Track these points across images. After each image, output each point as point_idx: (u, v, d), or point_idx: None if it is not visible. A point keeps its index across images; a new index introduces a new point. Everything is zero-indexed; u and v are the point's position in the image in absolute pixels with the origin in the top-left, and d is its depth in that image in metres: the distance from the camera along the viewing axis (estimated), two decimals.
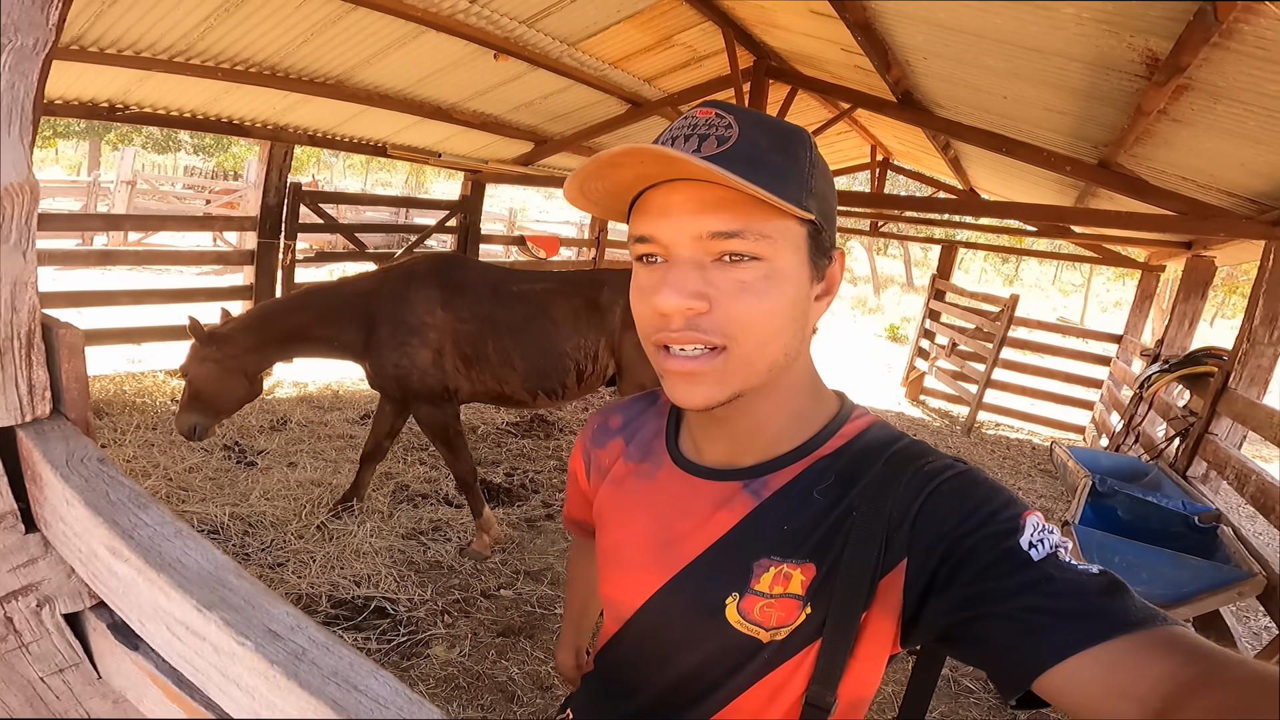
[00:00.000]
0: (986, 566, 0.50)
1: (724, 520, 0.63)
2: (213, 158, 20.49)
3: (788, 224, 0.56)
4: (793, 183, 0.55)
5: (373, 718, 0.35)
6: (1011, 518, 0.52)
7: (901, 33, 2.98)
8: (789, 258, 0.56)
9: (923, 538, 0.54)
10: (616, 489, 0.74)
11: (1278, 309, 3.28)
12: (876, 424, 0.66)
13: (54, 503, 0.58)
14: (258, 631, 0.40)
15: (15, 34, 0.51)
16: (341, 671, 0.38)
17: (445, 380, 2.74)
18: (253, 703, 0.45)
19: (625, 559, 0.70)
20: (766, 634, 0.59)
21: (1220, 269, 10.41)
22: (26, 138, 0.54)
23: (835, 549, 0.58)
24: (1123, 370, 5.84)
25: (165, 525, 0.49)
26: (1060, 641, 0.45)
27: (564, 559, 2.97)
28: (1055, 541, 0.52)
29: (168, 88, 3.87)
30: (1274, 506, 2.54)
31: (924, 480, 0.57)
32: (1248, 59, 1.76)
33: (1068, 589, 0.47)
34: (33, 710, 0.76)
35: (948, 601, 0.51)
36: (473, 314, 2.73)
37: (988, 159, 4.77)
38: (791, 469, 0.62)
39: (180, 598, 0.43)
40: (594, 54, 4.16)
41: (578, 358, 2.81)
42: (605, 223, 7.52)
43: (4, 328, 0.55)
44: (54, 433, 0.61)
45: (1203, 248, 4.82)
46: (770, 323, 0.56)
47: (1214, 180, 3.08)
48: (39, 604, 0.69)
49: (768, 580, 0.59)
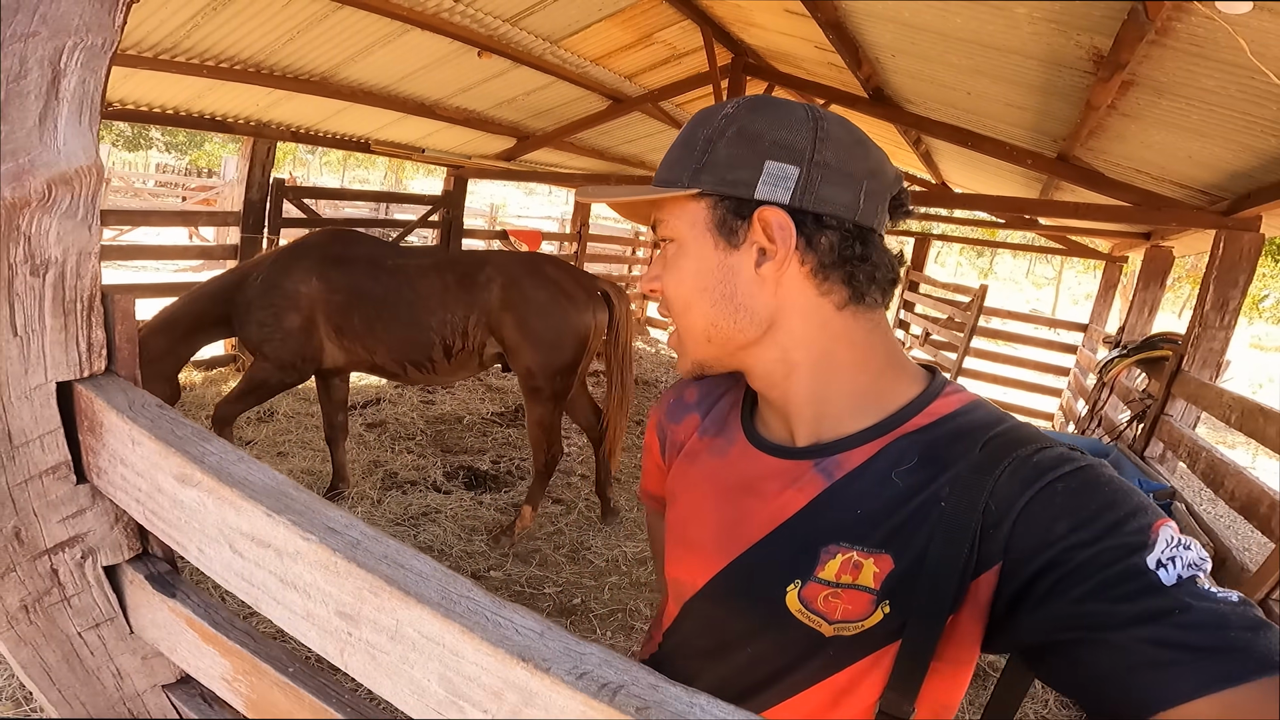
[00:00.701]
0: (1104, 584, 0.45)
1: (792, 501, 0.59)
2: (185, 155, 20.19)
3: (681, 204, 0.60)
4: (679, 166, 0.59)
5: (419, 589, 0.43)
6: (1140, 529, 0.46)
7: (871, 31, 3.11)
8: (685, 232, 0.60)
9: (1024, 540, 0.49)
10: (689, 464, 0.70)
11: (1228, 294, 3.45)
12: (975, 403, 0.59)
13: (115, 447, 0.64)
14: (319, 529, 0.49)
15: (86, 34, 0.58)
16: (390, 555, 0.46)
17: (305, 351, 2.82)
18: (307, 601, 0.53)
19: (690, 537, 0.67)
20: (830, 627, 0.55)
21: (1185, 262, 10.64)
22: (95, 126, 0.62)
23: (917, 542, 0.53)
24: (1088, 358, 6.05)
25: (229, 452, 0.57)
26: (1192, 681, 0.40)
27: (551, 541, 3.07)
28: (1192, 560, 0.46)
29: (151, 84, 3.89)
30: (1223, 481, 2.69)
31: (1033, 474, 0.50)
32: (1184, 55, 1.90)
33: (1204, 620, 0.42)
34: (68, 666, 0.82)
35: (1050, 616, 0.46)
36: (344, 285, 2.80)
37: (956, 153, 4.93)
38: (867, 448, 0.57)
39: (250, 507, 0.52)
40: (576, 51, 4.25)
41: (443, 333, 2.84)
42: (587, 217, 7.61)
43: (69, 291, 0.61)
44: (112, 385, 0.66)
45: (1160, 238, 5.03)
46: (678, 294, 0.61)
47: (1165, 173, 3.25)
48: (83, 555, 0.74)
49: (834, 567, 0.55)
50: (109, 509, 0.73)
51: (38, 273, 0.56)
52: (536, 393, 2.86)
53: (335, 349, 2.88)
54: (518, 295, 2.82)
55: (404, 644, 0.43)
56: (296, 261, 2.83)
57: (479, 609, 0.40)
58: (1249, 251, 3.30)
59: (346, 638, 0.48)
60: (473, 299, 2.84)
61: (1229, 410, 2.87)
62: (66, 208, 0.58)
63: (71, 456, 0.68)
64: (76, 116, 0.60)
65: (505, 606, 0.40)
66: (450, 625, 0.39)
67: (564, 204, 24.14)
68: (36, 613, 0.73)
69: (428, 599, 0.40)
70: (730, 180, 0.57)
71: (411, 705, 0.46)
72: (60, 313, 0.59)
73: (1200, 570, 0.45)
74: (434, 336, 2.84)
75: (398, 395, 4.77)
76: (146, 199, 12.72)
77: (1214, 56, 1.80)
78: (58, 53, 0.55)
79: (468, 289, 2.85)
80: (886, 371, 0.60)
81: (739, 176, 0.57)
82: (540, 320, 2.81)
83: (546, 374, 2.82)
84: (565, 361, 2.84)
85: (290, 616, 0.53)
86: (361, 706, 0.67)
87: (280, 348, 2.79)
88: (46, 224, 0.56)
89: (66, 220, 0.58)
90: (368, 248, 2.97)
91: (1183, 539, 0.47)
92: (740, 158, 0.57)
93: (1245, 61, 1.66)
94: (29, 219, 0.55)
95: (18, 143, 0.53)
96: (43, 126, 0.55)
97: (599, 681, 0.36)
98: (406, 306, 2.82)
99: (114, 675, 0.85)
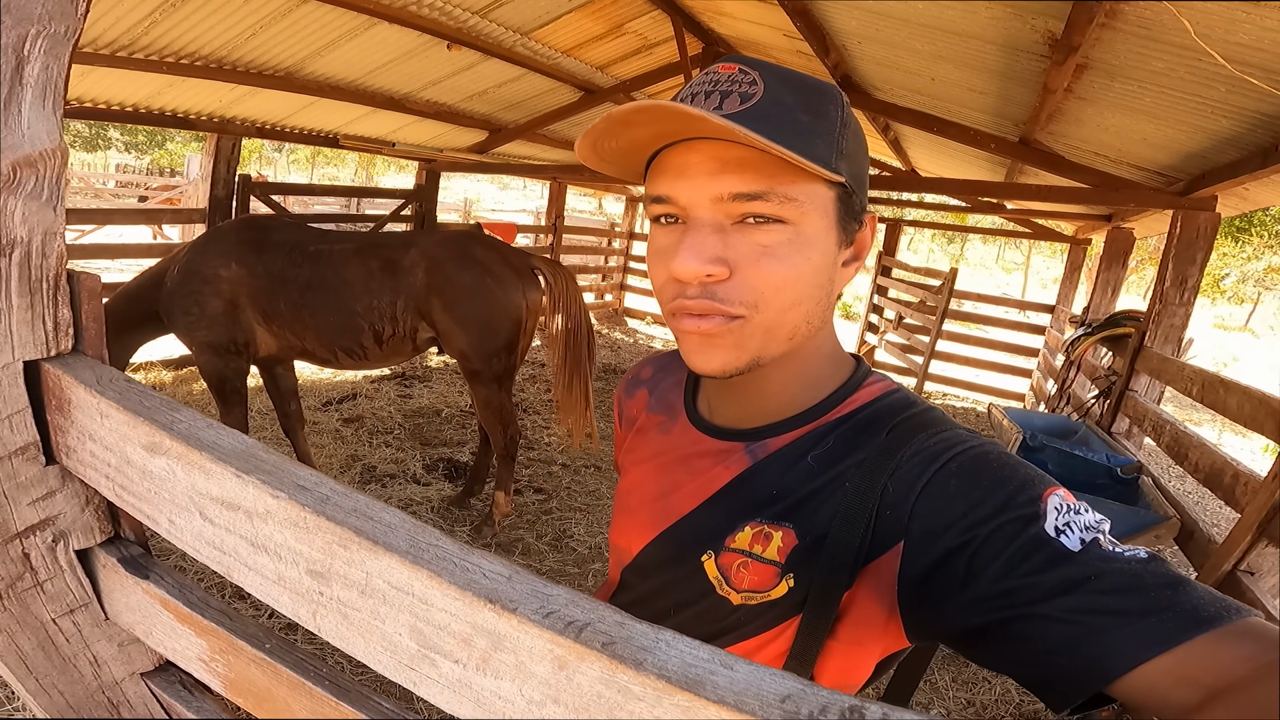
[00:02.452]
0: (1014, 560, 0.45)
1: (718, 477, 0.62)
2: (146, 155, 19.73)
3: (815, 186, 0.52)
4: (821, 143, 0.51)
5: (387, 539, 0.44)
6: (1029, 500, 0.47)
7: (836, 18, 3.14)
8: (816, 221, 0.53)
9: (924, 521, 0.50)
10: (639, 439, 0.73)
11: (1186, 272, 3.56)
12: (894, 391, 0.61)
13: (83, 423, 0.64)
14: (289, 486, 0.50)
15: (49, 22, 0.59)
16: (360, 509, 0.48)
17: (235, 334, 2.79)
18: (278, 564, 0.55)
19: (630, 506, 0.70)
20: (738, 596, 0.57)
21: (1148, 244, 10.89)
22: (59, 111, 0.63)
23: (821, 519, 0.55)
24: (1056, 338, 6.20)
25: (198, 420, 0.58)
26: (1125, 647, 0.40)
27: (533, 530, 3.09)
28: (1088, 522, 0.47)
29: (109, 82, 3.80)
30: (1187, 454, 2.78)
31: (929, 457, 0.52)
32: (1133, 38, 1.95)
33: (1123, 584, 0.42)
34: (44, 654, 0.82)
35: (975, 598, 0.46)
36: (266, 270, 2.77)
37: (924, 139, 5.01)
38: (794, 433, 0.60)
39: (220, 470, 0.53)
40: (547, 43, 4.23)
41: (372, 319, 2.80)
42: (562, 209, 7.59)
43: (35, 271, 0.61)
44: (79, 363, 0.66)
45: (1121, 220, 5.16)
46: (794, 290, 0.53)
47: (1122, 155, 3.34)
48: (54, 539, 0.74)
49: (746, 538, 0.57)
50: (79, 491, 0.73)
51: (3, 252, 0.57)
52: (476, 376, 2.83)
53: (266, 335, 2.84)
54: (443, 279, 2.77)
55: (374, 598, 0.45)
56: (213, 246, 2.78)
57: (446, 555, 0.41)
58: (1205, 230, 3.40)
59: (318, 598, 0.49)
60: (398, 284, 2.79)
61: (1190, 383, 2.95)
62: (31, 189, 0.58)
63: (40, 439, 0.68)
64: (40, 101, 0.61)
65: (473, 553, 0.42)
66: (419, 572, 0.40)
67: (539, 197, 24.01)
68: (10, 599, 0.73)
69: (396, 548, 0.42)
70: (858, 178, 0.55)
71: (385, 663, 0.47)
72: (26, 292, 0.60)
73: (1099, 531, 0.46)
74: (363, 323, 2.80)
75: (374, 390, 4.74)
76: (108, 199, 12.41)
77: (1162, 39, 1.86)
78: (21, 40, 0.56)
79: (392, 274, 2.80)
80: (833, 361, 0.63)
81: (860, 175, 0.56)
82: (468, 303, 2.77)
83: (482, 356, 2.79)
84: (500, 343, 2.81)
85: (262, 582, 0.54)
86: (338, 677, 0.69)
87: (210, 333, 2.75)
88: (11, 205, 0.57)
89: (31, 201, 0.59)
90: (287, 233, 2.92)
91: (1073, 504, 0.48)
92: (859, 158, 0.56)
93: (1192, 43, 1.71)
94: None
95: None
96: (7, 111, 0.56)
97: (565, 619, 0.37)
98: (333, 293, 2.78)
99: (91, 663, 0.85)
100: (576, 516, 3.28)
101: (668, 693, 0.33)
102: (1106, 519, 0.48)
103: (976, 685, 2.45)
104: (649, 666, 0.34)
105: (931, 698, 2.38)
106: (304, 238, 2.91)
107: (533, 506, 3.32)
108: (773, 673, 0.33)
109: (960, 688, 2.44)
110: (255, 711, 0.74)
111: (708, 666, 0.34)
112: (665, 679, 0.33)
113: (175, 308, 2.75)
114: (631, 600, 0.68)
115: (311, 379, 4.90)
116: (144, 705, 0.91)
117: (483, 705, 0.41)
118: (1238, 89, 1.96)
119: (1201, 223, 3.37)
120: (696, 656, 0.34)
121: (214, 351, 2.79)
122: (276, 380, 3.12)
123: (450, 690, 0.43)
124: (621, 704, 0.34)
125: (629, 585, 0.69)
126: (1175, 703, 0.38)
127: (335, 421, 4.07)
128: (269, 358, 2.97)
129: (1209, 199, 3.25)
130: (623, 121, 0.51)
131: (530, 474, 3.71)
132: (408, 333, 2.86)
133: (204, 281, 2.73)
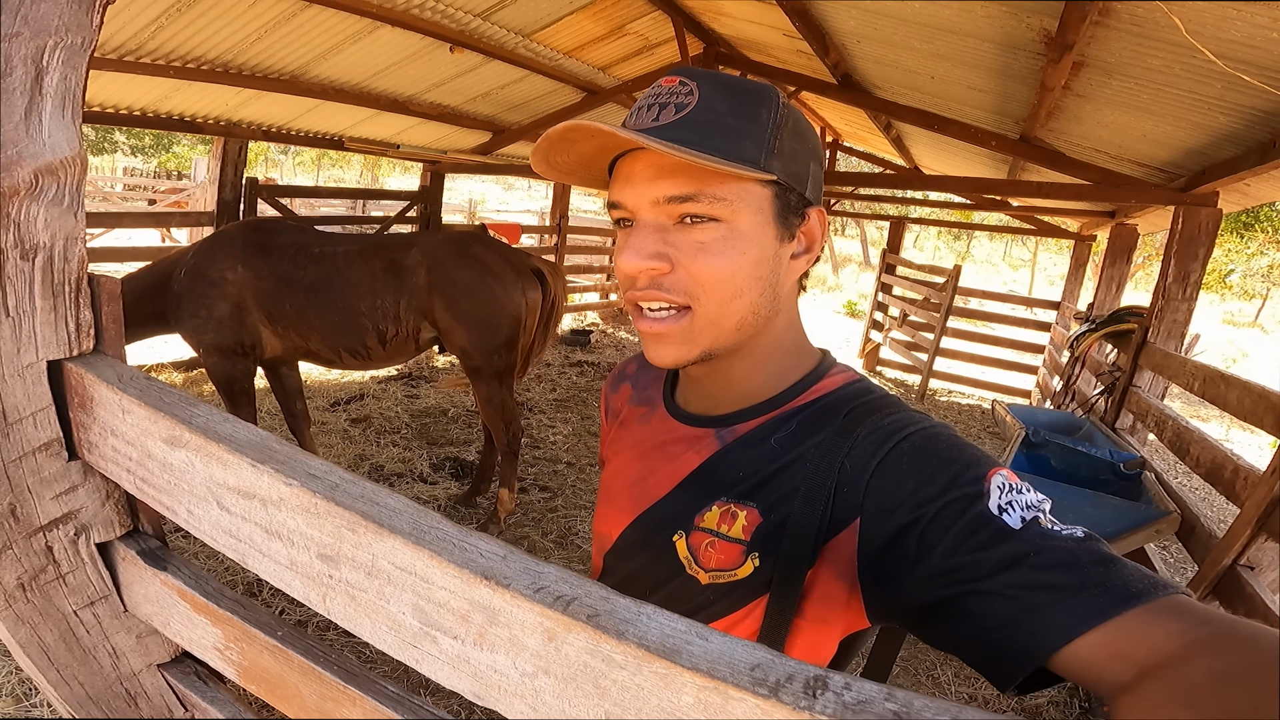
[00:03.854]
0: (960, 538, 0.47)
1: (690, 461, 0.65)
2: (153, 159, 19.84)
3: (746, 185, 0.56)
4: (750, 144, 0.55)
5: (391, 522, 0.47)
6: (974, 479, 0.50)
7: (835, 17, 3.16)
8: (749, 218, 0.57)
9: (878, 499, 0.52)
10: (621, 430, 0.77)
11: (1188, 268, 3.56)
12: (855, 381, 0.64)
13: (105, 419, 0.67)
14: (301, 475, 0.53)
15: (66, 34, 0.61)
16: (367, 495, 0.51)
17: (242, 336, 2.83)
18: (290, 549, 0.57)
19: (611, 494, 0.73)
20: (706, 575, 0.59)
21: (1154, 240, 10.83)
22: (78, 119, 0.65)
23: (782, 497, 0.57)
24: (1061, 335, 6.18)
25: (215, 414, 0.61)
26: (1060, 622, 0.42)
27: (539, 528, 3.12)
28: (1029, 502, 0.49)
29: (116, 86, 3.85)
30: (1189, 449, 2.78)
31: (882, 437, 0.55)
32: (1127, 35, 1.96)
33: (1058, 560, 0.44)
34: (66, 646, 0.85)
35: (926, 575, 0.48)
36: (271, 273, 2.81)
37: (926, 137, 5.01)
38: (760, 418, 0.63)
39: (236, 460, 0.56)
40: (549, 44, 4.26)
41: (375, 319, 2.85)
42: (566, 209, 7.62)
43: (58, 274, 0.64)
44: (100, 362, 0.69)
45: (1124, 216, 5.15)
46: (731, 282, 0.57)
47: (1123, 151, 3.34)
48: (76, 532, 0.77)
49: (714, 517, 0.60)
50: (100, 485, 0.76)
51: (27, 257, 0.60)
52: (477, 372, 2.88)
53: (271, 336, 2.89)
54: (444, 277, 2.82)
55: (380, 578, 0.48)
56: (220, 250, 2.82)
57: (446, 536, 0.44)
58: (1207, 226, 3.39)
59: (328, 581, 0.52)
60: (401, 284, 2.85)
61: (1192, 378, 2.94)
62: (53, 196, 0.61)
63: (63, 435, 0.71)
64: (60, 111, 0.63)
65: (471, 534, 0.45)
66: (420, 552, 0.43)
67: (543, 198, 24.03)
68: (33, 591, 0.76)
69: (400, 530, 0.45)
70: (795, 174, 0.59)
71: (389, 642, 0.50)
72: (49, 294, 0.63)
73: (1040, 510, 0.48)
74: (366, 323, 2.85)
75: (381, 390, 4.79)
76: (116, 203, 12.52)
77: (1155, 36, 1.87)
78: (40, 51, 0.59)
79: (395, 274, 2.85)
80: (798, 352, 0.66)
81: (799, 171, 0.59)
82: (469, 300, 2.82)
83: (483, 353, 2.84)
84: (501, 340, 2.86)
85: (275, 568, 0.56)
86: (346, 662, 0.71)
87: (217, 336, 2.80)
88: (34, 211, 0.60)
89: (53, 207, 0.62)
90: (292, 235, 2.96)
91: (1016, 484, 0.50)
92: (799, 154, 0.59)
93: (1185, 41, 1.73)
94: (18, 207, 0.58)
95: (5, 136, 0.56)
96: (28, 120, 0.59)
97: (554, 594, 0.40)
98: (337, 294, 2.82)
99: (110, 654, 0.87)
100: (581, 514, 3.31)
101: (647, 661, 0.36)
102: (1048, 499, 0.50)
103: (978, 680, 2.46)
104: (630, 637, 0.36)
105: (934, 693, 2.40)
106: (308, 240, 2.95)
107: (538, 504, 3.35)
108: (744, 644, 0.36)
109: (962, 683, 2.46)
110: (268, 698, 0.76)
111: (684, 637, 0.36)
112: (645, 648, 0.36)
113: (183, 311, 2.79)
114: (613, 584, 0.70)
115: (319, 380, 4.95)
116: (160, 696, 0.93)
117: (480, 679, 0.44)
118: (1234, 86, 1.97)
119: (1203, 218, 3.37)
120: (675, 628, 0.37)
121: (221, 353, 2.83)
122: (282, 380, 3.17)
123: (450, 666, 0.46)
124: (605, 672, 0.37)
125: (610, 569, 0.72)
126: (1109, 679, 0.40)
127: (343, 422, 4.11)
128: (274, 358, 3.01)
129: (1210, 195, 3.25)
130: (561, 139, 0.56)
131: (536, 472, 3.74)
132: (410, 332, 2.90)
133: (211, 285, 2.77)
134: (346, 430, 4.00)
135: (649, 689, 0.36)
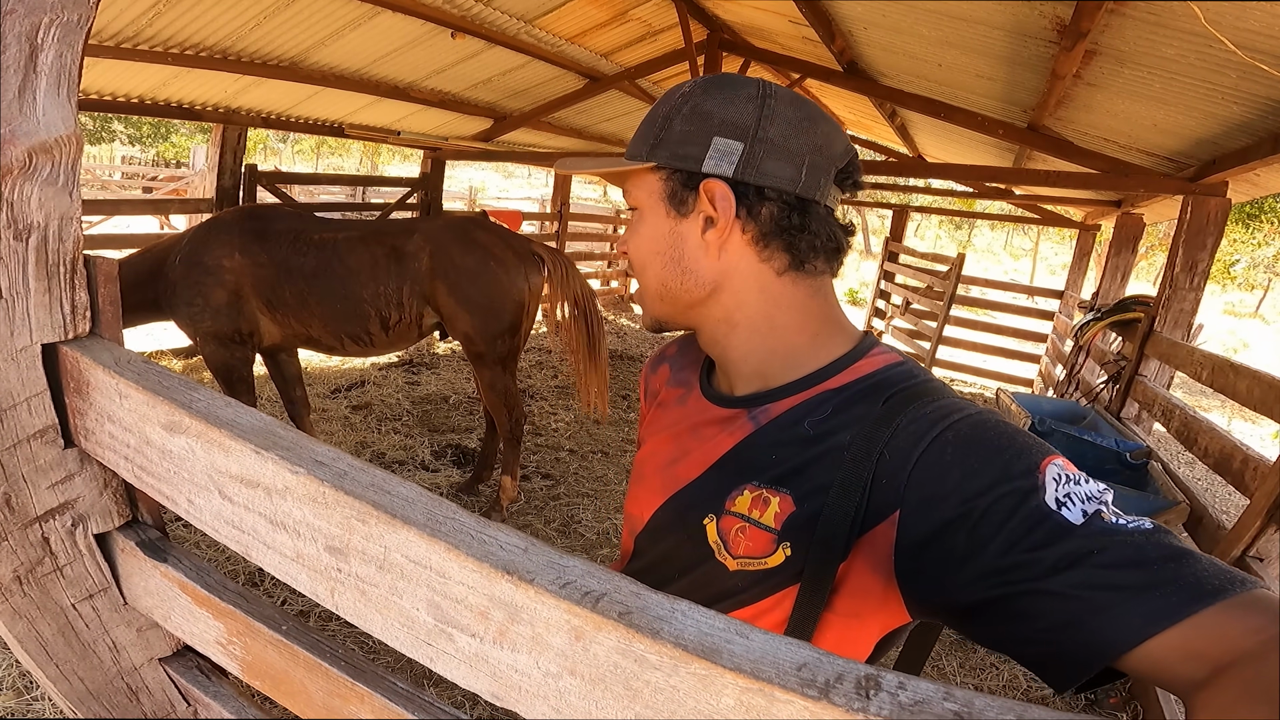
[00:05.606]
0: (1016, 535, 0.45)
1: (723, 443, 0.65)
2: (151, 147, 19.72)
3: (643, 176, 0.65)
4: (638, 141, 0.65)
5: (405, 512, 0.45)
6: (1025, 471, 0.47)
7: (841, 3, 3.12)
8: (644, 201, 0.66)
9: (921, 491, 0.50)
10: (659, 411, 0.77)
11: (1196, 257, 3.53)
12: (899, 364, 0.62)
13: (102, 404, 0.64)
14: (307, 462, 0.50)
15: (62, 11, 0.59)
16: (377, 483, 0.48)
17: (240, 324, 2.80)
18: (296, 541, 0.55)
19: (644, 474, 0.73)
20: (734, 562, 0.59)
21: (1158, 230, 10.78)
22: (73, 98, 0.63)
23: (817, 486, 0.56)
24: (1065, 324, 6.16)
25: (216, 399, 0.58)
26: (1129, 623, 0.40)
27: (541, 516, 3.11)
28: (1090, 493, 0.47)
29: (114, 74, 3.80)
30: (1196, 438, 2.76)
31: (925, 426, 0.52)
32: (1142, 24, 1.93)
33: (1125, 558, 0.42)
34: (64, 640, 0.83)
35: (976, 574, 0.46)
36: (270, 259, 2.78)
37: (931, 126, 4.97)
38: (793, 399, 0.62)
39: (239, 446, 0.53)
40: (551, 30, 4.21)
41: (378, 305, 2.82)
42: (567, 197, 7.59)
43: (52, 255, 0.62)
44: (97, 345, 0.67)
45: (1131, 205, 5.11)
46: (637, 256, 0.67)
47: (1133, 140, 3.31)
48: (73, 523, 0.74)
49: (745, 502, 0.59)
50: (97, 474, 0.74)
51: (21, 237, 0.58)
52: (480, 358, 2.86)
53: (270, 323, 2.86)
54: (447, 262, 2.80)
55: (392, 573, 0.45)
56: (216, 237, 2.79)
57: (464, 528, 0.42)
58: (1216, 216, 3.37)
59: (336, 574, 0.50)
60: (404, 270, 2.82)
61: (1200, 368, 2.93)
62: (47, 175, 0.59)
63: (59, 421, 0.68)
64: (55, 89, 0.61)
65: (490, 526, 0.42)
66: (436, 544, 0.41)
67: (544, 185, 23.93)
68: (30, 584, 0.73)
69: (414, 521, 0.42)
70: (681, 155, 0.62)
71: (402, 640, 0.48)
72: (44, 275, 0.60)
73: (1102, 502, 0.46)
74: (369, 309, 2.82)
75: (382, 377, 4.77)
76: (115, 191, 12.45)
77: (1172, 25, 1.84)
78: (35, 28, 0.57)
79: (398, 260, 2.83)
80: (823, 332, 0.64)
81: (689, 151, 0.62)
82: (472, 285, 2.80)
83: (485, 338, 2.82)
84: (504, 325, 2.84)
85: (280, 560, 0.54)
86: (353, 657, 0.69)
87: (214, 323, 2.77)
88: (28, 190, 0.57)
89: (48, 187, 0.59)
90: (289, 221, 2.93)
91: (1073, 474, 0.48)
92: (691, 134, 0.62)
93: (1203, 30, 1.69)
94: (11, 186, 0.56)
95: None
96: (22, 98, 0.57)
97: (582, 590, 0.38)
98: (339, 280, 2.79)
99: (110, 649, 0.85)
100: (584, 502, 3.29)
101: (684, 661, 0.33)
102: (1109, 489, 0.48)
103: (984, 671, 2.46)
104: (665, 635, 0.34)
105: (940, 683, 2.39)
106: (307, 226, 2.91)
107: (540, 492, 3.34)
108: (788, 641, 0.34)
109: (968, 673, 2.45)
110: (272, 694, 0.74)
111: (724, 635, 0.34)
112: (682, 647, 0.33)
113: (178, 299, 2.76)
114: (641, 567, 0.71)
115: (320, 367, 4.93)
116: (163, 691, 0.91)
117: (499, 679, 0.42)
118: (1249, 75, 1.94)
119: (1212, 208, 3.34)
120: (712, 625, 0.35)
121: (219, 341, 2.80)
122: (280, 367, 3.14)
123: (467, 665, 0.44)
124: (638, 673, 0.35)
125: (641, 551, 0.72)
126: (1183, 677, 0.38)
127: (344, 409, 4.09)
128: (272, 346, 2.98)
129: (1220, 185, 3.22)
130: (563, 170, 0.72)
131: (538, 460, 3.73)
132: (413, 318, 2.88)
133: (207, 272, 2.73)
134: (347, 417, 3.98)
135: (685, 691, 0.33)
